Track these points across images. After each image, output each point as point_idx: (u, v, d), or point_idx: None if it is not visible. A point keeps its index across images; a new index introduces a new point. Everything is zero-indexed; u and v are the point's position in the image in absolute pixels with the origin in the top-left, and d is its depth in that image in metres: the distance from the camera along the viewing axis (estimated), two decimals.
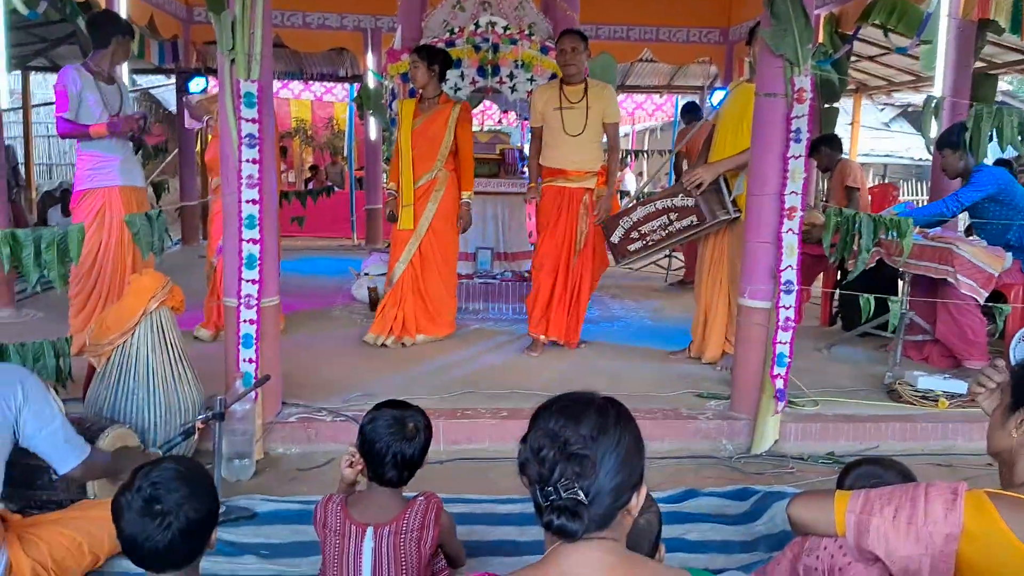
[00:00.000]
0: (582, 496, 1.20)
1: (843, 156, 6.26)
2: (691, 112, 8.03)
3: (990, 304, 4.19)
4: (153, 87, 12.34)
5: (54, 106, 4.30)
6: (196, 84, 8.10)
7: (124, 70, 4.70)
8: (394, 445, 1.97)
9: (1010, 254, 4.42)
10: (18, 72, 10.21)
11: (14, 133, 10.96)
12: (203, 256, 5.79)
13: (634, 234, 4.45)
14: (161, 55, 8.26)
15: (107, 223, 4.31)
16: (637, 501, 1.27)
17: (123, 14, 5.82)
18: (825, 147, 6.03)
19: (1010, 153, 4.47)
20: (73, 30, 5.27)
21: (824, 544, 1.78)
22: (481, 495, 2.99)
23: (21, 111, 10.76)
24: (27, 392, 2.07)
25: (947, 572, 1.62)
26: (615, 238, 4.54)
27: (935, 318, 4.57)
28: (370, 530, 1.95)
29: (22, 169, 10.59)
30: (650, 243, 4.46)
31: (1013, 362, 4.07)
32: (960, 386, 3.91)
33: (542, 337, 4.76)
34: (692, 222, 4.29)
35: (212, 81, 9.25)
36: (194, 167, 9.36)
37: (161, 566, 1.53)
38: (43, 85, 12.05)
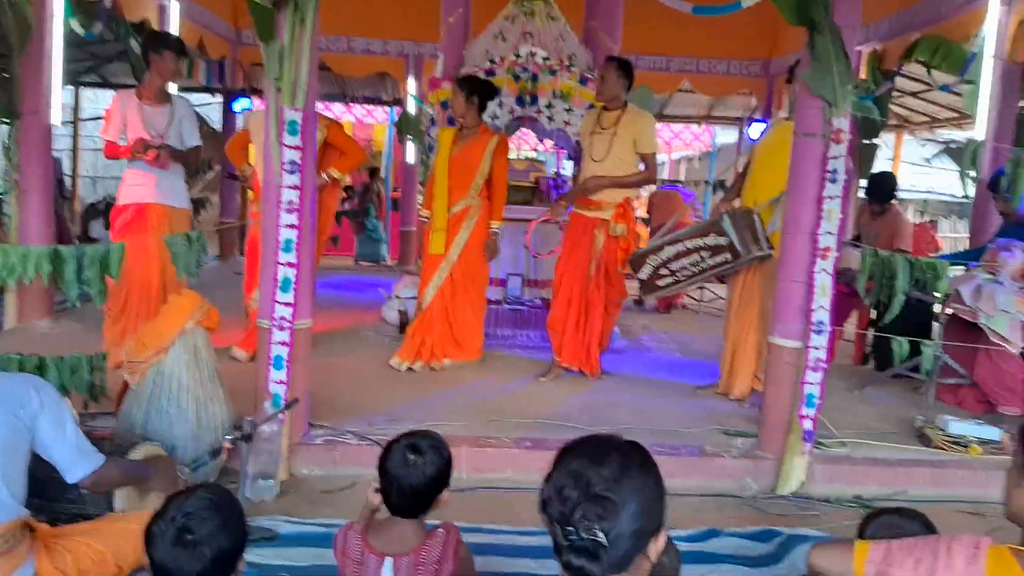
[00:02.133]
0: (602, 538, 1.21)
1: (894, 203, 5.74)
2: None
3: None
4: (199, 105, 12.67)
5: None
6: (240, 105, 8.30)
7: (172, 89, 4.80)
8: (400, 477, 1.98)
9: None
10: (70, 87, 10.54)
11: (63, 146, 11.31)
12: (239, 272, 5.90)
13: (663, 271, 4.47)
14: (208, 75, 8.47)
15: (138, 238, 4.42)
16: (656, 546, 1.28)
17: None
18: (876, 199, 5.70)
19: None
20: (125, 48, 5.48)
21: None
22: (501, 525, 2.98)
23: (71, 125, 11.09)
24: (43, 400, 2.11)
25: None
26: (643, 275, 4.56)
27: (973, 362, 4.48)
28: (389, 560, 1.96)
29: (68, 181, 10.90)
30: (681, 279, 4.49)
31: None
32: (994, 432, 3.83)
33: (558, 360, 4.77)
34: (726, 259, 4.28)
35: (256, 102, 9.48)
36: (235, 184, 9.56)
37: None
38: (93, 100, 12.41)
